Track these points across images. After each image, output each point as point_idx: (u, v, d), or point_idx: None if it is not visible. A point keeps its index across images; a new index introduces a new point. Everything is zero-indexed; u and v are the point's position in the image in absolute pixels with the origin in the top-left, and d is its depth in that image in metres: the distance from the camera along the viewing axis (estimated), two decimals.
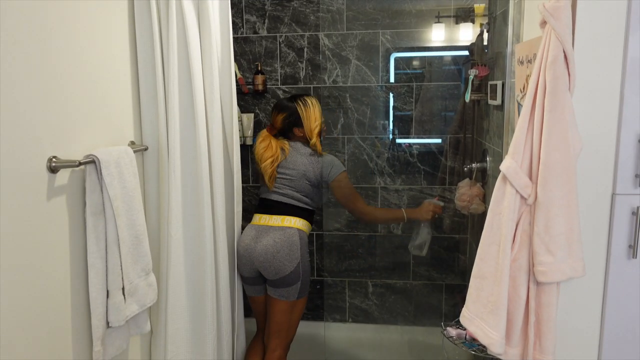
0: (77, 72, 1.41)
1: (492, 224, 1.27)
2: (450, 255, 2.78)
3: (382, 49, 2.66)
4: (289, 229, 2.02)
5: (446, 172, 2.70)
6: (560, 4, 1.12)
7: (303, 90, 2.73)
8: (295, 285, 1.99)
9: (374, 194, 2.78)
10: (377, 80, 2.69)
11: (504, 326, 1.25)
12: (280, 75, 2.74)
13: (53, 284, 1.32)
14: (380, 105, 2.73)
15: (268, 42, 2.72)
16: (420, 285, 2.83)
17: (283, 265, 1.96)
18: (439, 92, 2.69)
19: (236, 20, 2.71)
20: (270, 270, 1.97)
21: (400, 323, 2.87)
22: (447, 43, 2.61)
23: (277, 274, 1.96)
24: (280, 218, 2.04)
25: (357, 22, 2.64)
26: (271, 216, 2.07)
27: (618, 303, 1.27)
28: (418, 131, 2.73)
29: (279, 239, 1.98)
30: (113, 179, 1.44)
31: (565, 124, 1.14)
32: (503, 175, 1.23)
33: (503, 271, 1.23)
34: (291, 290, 1.99)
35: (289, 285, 1.98)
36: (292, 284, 1.98)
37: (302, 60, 2.71)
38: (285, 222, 2.04)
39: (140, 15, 1.71)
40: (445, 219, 2.74)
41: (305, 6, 2.66)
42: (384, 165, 2.76)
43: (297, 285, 1.99)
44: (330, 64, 2.69)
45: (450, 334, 1.79)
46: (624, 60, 1.19)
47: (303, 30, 2.68)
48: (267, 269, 1.98)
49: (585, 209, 1.23)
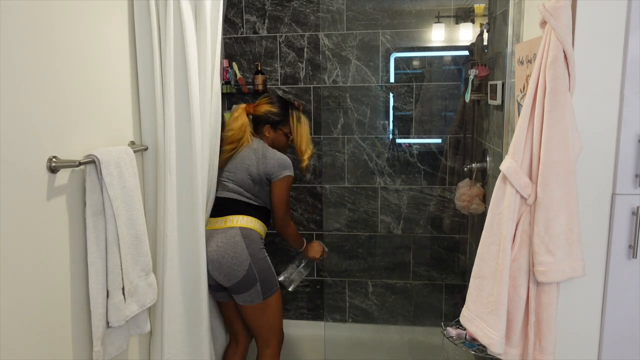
0: (77, 72, 1.41)
1: (492, 224, 1.27)
2: (450, 255, 2.78)
3: (382, 49, 2.66)
4: (231, 230, 1.90)
5: (446, 172, 2.70)
6: (560, 4, 1.12)
7: (303, 91, 2.73)
8: (255, 288, 1.87)
9: (374, 194, 2.78)
10: (377, 80, 2.69)
11: (504, 326, 1.25)
12: (280, 75, 2.74)
13: (53, 284, 1.32)
14: (380, 105, 2.73)
15: (268, 42, 2.72)
16: (420, 285, 2.83)
17: (232, 270, 1.85)
18: (439, 92, 2.69)
19: (236, 20, 2.71)
20: (222, 278, 1.88)
21: (400, 323, 2.87)
22: (447, 43, 2.61)
23: (229, 280, 1.87)
24: (224, 220, 1.95)
25: (357, 22, 2.64)
26: (216, 219, 1.97)
27: (618, 303, 1.27)
28: (418, 131, 2.73)
29: (221, 243, 1.88)
30: (113, 179, 1.44)
31: (565, 124, 1.14)
32: (503, 175, 1.23)
33: (503, 271, 1.23)
34: (252, 293, 1.87)
35: (248, 289, 1.86)
36: (250, 287, 1.86)
37: (302, 60, 2.71)
38: (227, 222, 1.94)
39: (140, 15, 1.71)
40: (445, 219, 2.74)
41: (305, 6, 2.66)
42: (384, 165, 2.76)
43: (257, 286, 1.87)
44: (330, 64, 2.69)
45: (450, 334, 1.79)
46: (624, 60, 1.19)
47: (303, 30, 2.68)
48: (218, 277, 1.88)
49: (585, 209, 1.23)
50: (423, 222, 2.77)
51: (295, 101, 2.70)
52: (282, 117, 2.10)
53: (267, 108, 2.09)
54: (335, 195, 2.80)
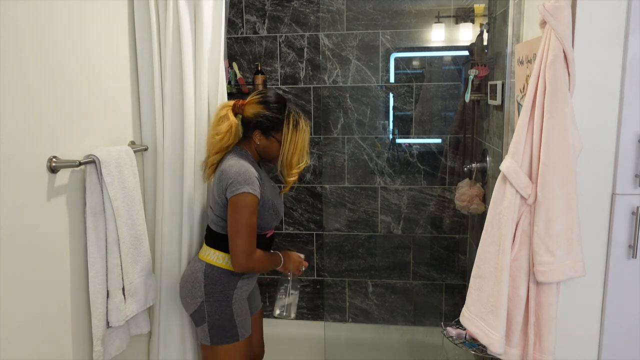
0: (77, 72, 1.41)
1: (492, 224, 1.27)
2: (450, 255, 2.78)
3: (382, 49, 2.66)
4: (198, 263, 1.67)
5: (446, 172, 2.70)
6: (560, 4, 1.12)
7: (303, 91, 2.73)
8: (203, 327, 1.64)
9: (374, 194, 2.78)
10: (377, 80, 2.69)
11: (504, 326, 1.25)
12: (280, 75, 2.74)
13: (53, 284, 1.32)
14: (380, 105, 2.73)
15: (268, 42, 2.72)
16: (420, 285, 2.83)
17: (185, 302, 1.67)
18: (439, 92, 2.69)
19: (236, 20, 2.71)
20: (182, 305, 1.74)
21: (400, 323, 2.87)
22: (447, 43, 2.61)
23: (185, 309, 1.71)
24: (202, 248, 1.72)
25: (357, 22, 2.64)
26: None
27: (618, 303, 1.27)
28: (418, 131, 2.73)
29: (186, 273, 1.69)
30: (113, 179, 1.44)
31: (565, 124, 1.14)
32: (503, 175, 1.23)
33: (503, 271, 1.23)
34: (200, 331, 1.66)
35: (198, 325, 1.67)
36: (199, 324, 1.66)
37: (302, 60, 2.71)
38: (201, 253, 1.70)
39: (140, 15, 1.72)
40: (445, 219, 2.74)
41: (305, 6, 2.66)
42: (384, 165, 2.76)
43: (204, 327, 1.64)
44: (330, 64, 2.69)
45: (450, 334, 1.78)
46: (624, 60, 1.19)
47: (303, 30, 2.68)
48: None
49: (585, 209, 1.23)
50: (423, 222, 2.77)
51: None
52: (276, 121, 1.63)
53: (258, 109, 1.63)
54: (335, 195, 2.80)
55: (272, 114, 1.63)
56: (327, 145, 2.76)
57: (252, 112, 1.64)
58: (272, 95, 1.66)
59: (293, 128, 1.64)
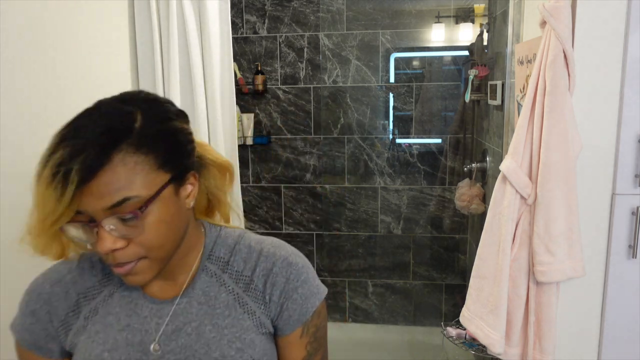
0: (77, 72, 1.41)
1: (492, 224, 1.27)
2: (450, 255, 2.78)
3: (382, 49, 2.66)
4: None
5: (446, 172, 2.70)
6: (560, 4, 1.12)
7: (303, 91, 2.73)
8: None
9: (374, 194, 2.78)
10: (377, 80, 2.69)
11: (503, 326, 1.25)
12: (280, 75, 2.74)
13: None
14: (380, 105, 2.73)
15: (268, 42, 2.72)
16: (420, 285, 2.83)
17: None
18: (439, 92, 2.69)
19: (236, 20, 2.71)
20: None
21: (400, 323, 2.87)
22: (447, 43, 2.61)
23: None
24: None
25: (357, 22, 2.64)
26: None
27: (618, 303, 1.27)
28: (418, 131, 2.73)
29: None
30: None
31: (565, 124, 1.14)
32: (503, 175, 1.23)
33: (503, 271, 1.23)
34: None
35: None
36: None
37: (302, 60, 2.71)
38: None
39: (141, 16, 1.71)
40: (445, 219, 2.74)
41: (305, 6, 2.66)
42: (384, 165, 2.76)
43: None
44: (330, 64, 2.69)
45: (450, 334, 1.79)
46: (624, 60, 1.19)
47: (303, 30, 2.69)
48: None
49: (585, 209, 1.23)
50: (423, 222, 2.77)
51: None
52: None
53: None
54: (335, 195, 2.80)
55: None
56: (327, 145, 2.76)
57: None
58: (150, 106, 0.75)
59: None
